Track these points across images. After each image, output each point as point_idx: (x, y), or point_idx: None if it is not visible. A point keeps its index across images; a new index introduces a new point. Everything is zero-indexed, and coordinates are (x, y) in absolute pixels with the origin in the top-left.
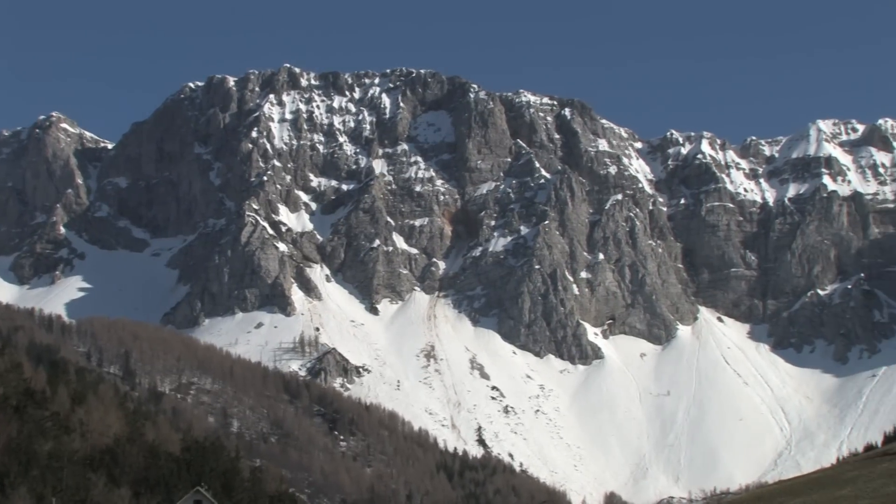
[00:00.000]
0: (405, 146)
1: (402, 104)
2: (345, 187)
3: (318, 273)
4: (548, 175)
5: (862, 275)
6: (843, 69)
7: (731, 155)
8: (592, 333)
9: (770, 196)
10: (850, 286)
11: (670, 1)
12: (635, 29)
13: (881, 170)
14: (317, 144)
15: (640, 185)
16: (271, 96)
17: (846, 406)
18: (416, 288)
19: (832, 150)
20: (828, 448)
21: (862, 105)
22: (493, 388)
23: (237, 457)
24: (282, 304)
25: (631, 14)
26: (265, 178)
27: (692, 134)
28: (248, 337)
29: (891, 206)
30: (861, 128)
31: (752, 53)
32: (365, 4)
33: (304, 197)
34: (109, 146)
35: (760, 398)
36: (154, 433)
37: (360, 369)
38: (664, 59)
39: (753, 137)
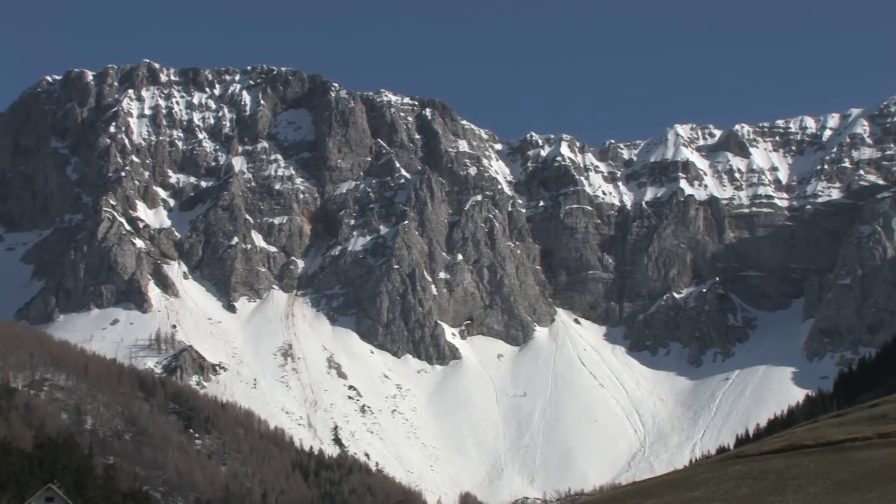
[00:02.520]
0: (265, 144)
1: (262, 102)
2: (204, 184)
3: (175, 270)
4: (408, 175)
5: (717, 279)
6: (701, 74)
7: (590, 158)
8: (450, 334)
9: (628, 199)
10: (705, 290)
11: (531, 3)
12: (497, 30)
13: (737, 175)
14: (176, 141)
15: (500, 187)
16: (130, 91)
17: (700, 408)
18: (274, 286)
19: (689, 154)
20: (681, 450)
21: (719, 110)
22: (351, 387)
23: (90, 454)
24: (138, 301)
25: (492, 16)
26: (123, 173)
27: (552, 136)
28: (104, 333)
29: (746, 211)
30: (718, 133)
31: (611, 57)
32: (226, 1)
33: (163, 193)
34: None
35: (615, 400)
36: (6, 430)
37: (217, 367)
38: (524, 62)
39: (612, 141)
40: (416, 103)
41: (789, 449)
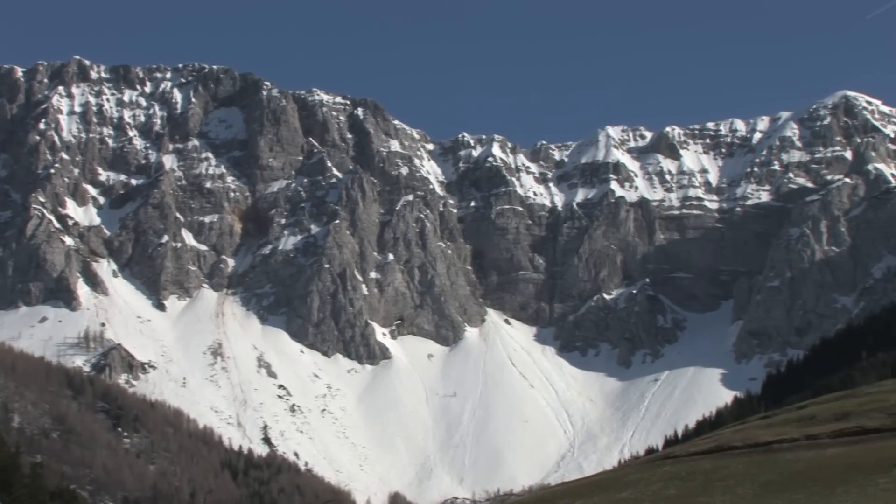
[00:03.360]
0: (196, 142)
1: (193, 100)
2: (134, 182)
3: (104, 268)
4: (339, 174)
5: (647, 280)
6: (633, 76)
7: (522, 159)
8: (381, 333)
9: (559, 200)
10: (635, 291)
11: (462, 4)
12: (429, 31)
13: (667, 177)
14: (106, 138)
15: (431, 187)
16: (60, 88)
17: (629, 409)
18: (204, 285)
19: (620, 156)
20: (610, 451)
21: (650, 112)
22: (280, 386)
23: (17, 452)
24: (67, 299)
25: (425, 16)
26: (52, 170)
27: (483, 137)
28: (32, 331)
29: (676, 212)
30: (649, 135)
31: (543, 58)
32: None
33: (93, 191)
34: None
35: (545, 400)
36: None
37: (146, 366)
38: (456, 62)
39: (544, 142)
40: (348, 103)
41: (717, 450)
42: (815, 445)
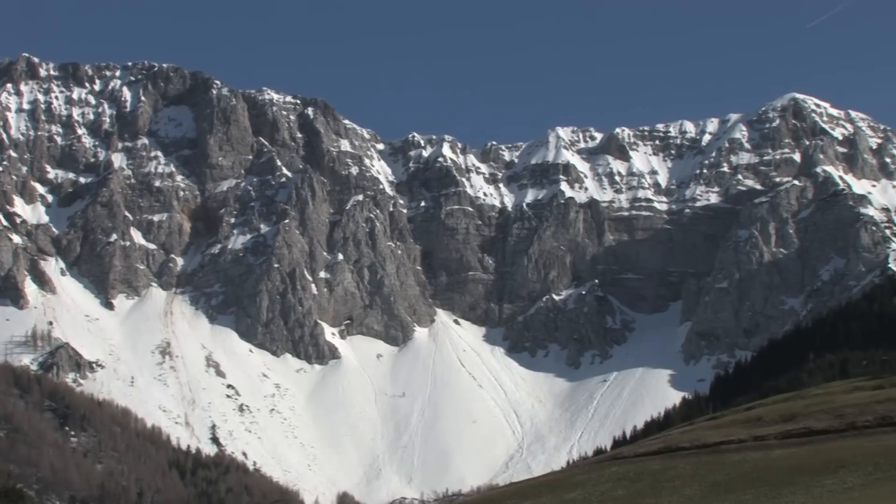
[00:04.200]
0: (145, 140)
1: (143, 98)
2: (83, 180)
3: (52, 266)
4: (289, 174)
5: (596, 281)
6: (583, 77)
7: (472, 159)
8: (330, 333)
9: (509, 201)
10: (584, 292)
11: (412, 4)
12: (380, 30)
13: (617, 178)
14: (55, 136)
15: (381, 187)
16: (9, 86)
17: (577, 410)
18: (153, 284)
19: (570, 157)
20: (558, 451)
21: (600, 113)
22: (229, 386)
23: None
24: (14, 297)
25: (375, 15)
26: (0, 168)
27: (433, 137)
28: None
29: (625, 213)
30: (599, 136)
31: (492, 58)
32: None
33: (41, 189)
34: None
35: (494, 401)
36: None
37: (94, 364)
38: (407, 62)
39: (494, 142)
40: (298, 102)
41: (665, 451)
42: (763, 446)
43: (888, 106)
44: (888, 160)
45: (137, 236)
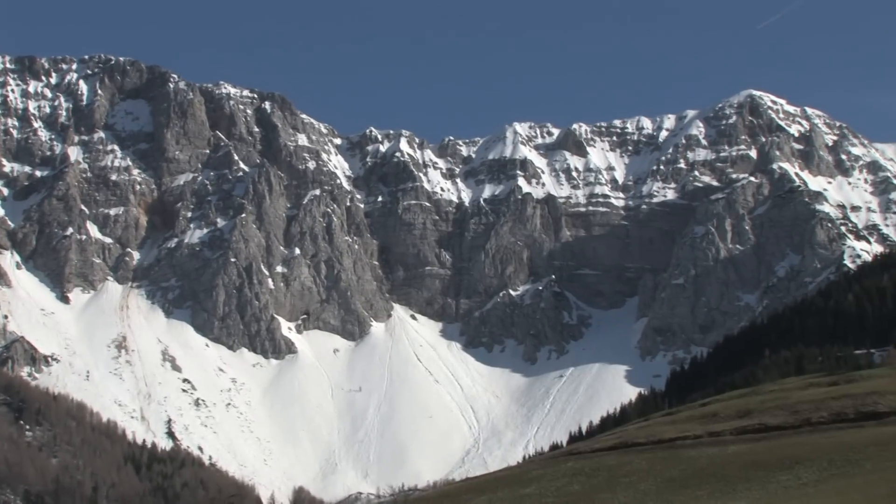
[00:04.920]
0: (102, 134)
1: (99, 91)
2: (38, 174)
3: (8, 260)
4: (246, 168)
5: (553, 277)
6: (540, 73)
7: (429, 154)
8: (286, 328)
9: (466, 196)
10: (541, 287)
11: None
12: (337, 25)
13: (574, 174)
14: (10, 129)
15: (339, 182)
16: None
17: (534, 405)
18: (109, 278)
19: (527, 152)
20: (515, 447)
21: (557, 109)
22: (185, 380)
23: None
24: None
25: (333, 10)
26: None
27: (391, 132)
28: None
29: (582, 209)
30: (556, 132)
31: (451, 54)
32: None
33: None
34: None
35: (451, 396)
36: None
37: (49, 358)
38: (365, 57)
39: (451, 138)
40: (256, 96)
41: (621, 446)
42: (718, 442)
43: (844, 103)
44: (844, 157)
45: (93, 230)
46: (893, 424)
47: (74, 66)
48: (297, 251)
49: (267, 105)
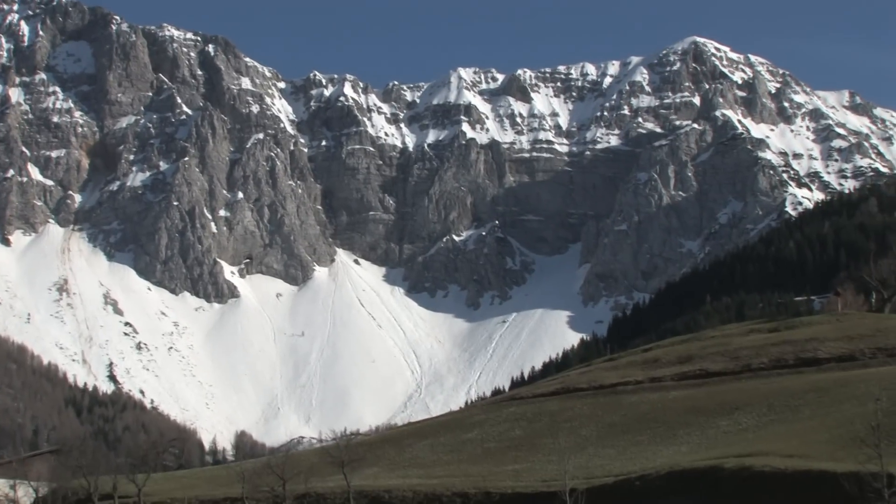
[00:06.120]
0: (43, 76)
1: (41, 33)
2: None
3: None
4: (189, 111)
5: (496, 222)
6: (485, 18)
7: (374, 99)
8: (229, 272)
9: (410, 141)
10: (484, 233)
11: None
12: None
13: (518, 119)
14: None
15: (282, 126)
16: None
17: (476, 351)
18: (50, 220)
19: (472, 98)
20: (457, 392)
21: (502, 55)
22: (127, 323)
23: None
24: None
25: None
26: None
27: (335, 76)
28: None
29: (526, 155)
30: (501, 77)
31: None
32: None
33: None
34: None
35: (393, 341)
36: None
37: None
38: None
39: (396, 82)
40: (199, 39)
41: (563, 392)
42: (659, 388)
43: (788, 50)
44: (786, 105)
45: (35, 172)
46: (832, 371)
47: (16, 7)
48: (241, 195)
49: (210, 48)
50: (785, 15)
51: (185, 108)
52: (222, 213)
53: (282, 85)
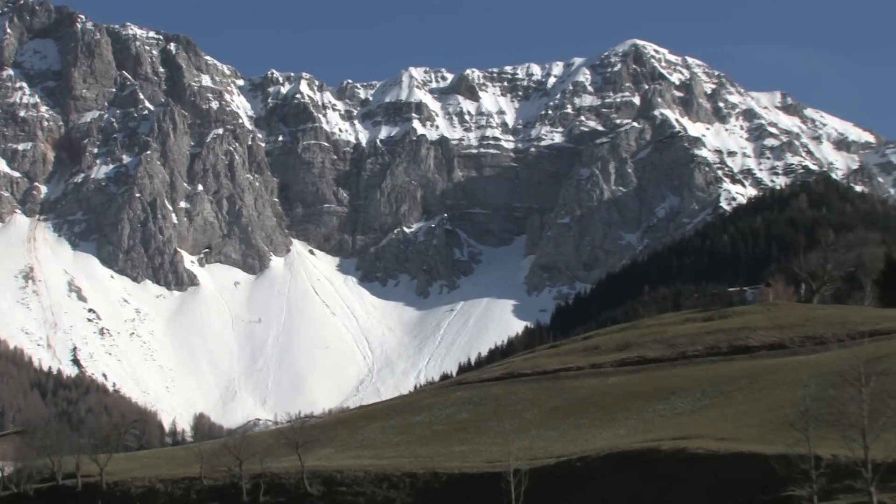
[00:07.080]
0: (11, 71)
1: (8, 30)
2: None
3: None
4: (151, 107)
5: (445, 215)
6: (435, 19)
7: (329, 96)
8: (189, 261)
9: (363, 137)
10: (433, 225)
11: None
12: None
13: (467, 117)
14: None
15: (241, 121)
16: None
17: (425, 338)
18: (16, 210)
19: (423, 96)
20: (407, 377)
21: (452, 55)
22: (90, 310)
23: None
24: None
25: None
26: None
27: (292, 74)
28: None
29: (474, 151)
30: (450, 77)
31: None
32: None
33: None
34: None
35: (346, 328)
36: None
37: None
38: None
39: (350, 81)
40: (161, 37)
41: (508, 377)
42: (599, 374)
43: (723, 53)
44: (721, 105)
45: (2, 164)
46: (763, 358)
47: None
48: (200, 187)
49: (172, 46)
50: (721, 19)
51: (147, 104)
52: (183, 204)
53: (240, 82)
